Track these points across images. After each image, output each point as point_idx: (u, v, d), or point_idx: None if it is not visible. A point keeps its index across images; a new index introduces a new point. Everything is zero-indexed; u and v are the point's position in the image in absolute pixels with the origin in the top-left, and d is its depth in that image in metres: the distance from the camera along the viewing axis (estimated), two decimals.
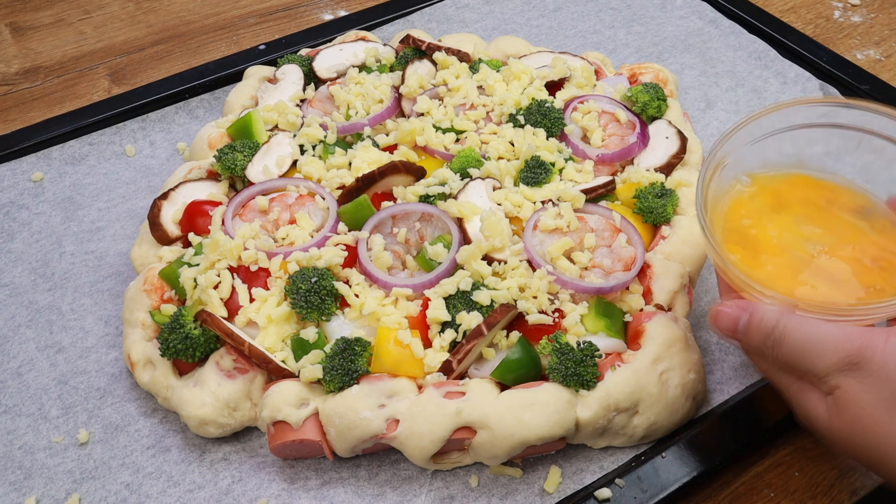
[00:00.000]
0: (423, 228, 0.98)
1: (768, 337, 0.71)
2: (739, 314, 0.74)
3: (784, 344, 0.70)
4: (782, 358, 0.71)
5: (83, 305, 1.06)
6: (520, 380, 0.85)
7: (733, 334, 0.75)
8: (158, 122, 1.31)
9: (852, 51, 1.39)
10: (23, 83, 1.44)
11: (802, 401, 0.72)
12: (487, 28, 1.47)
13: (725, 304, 0.76)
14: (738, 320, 0.74)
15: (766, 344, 0.72)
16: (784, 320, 0.71)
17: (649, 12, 1.48)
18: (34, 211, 1.19)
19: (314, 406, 0.85)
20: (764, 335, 0.72)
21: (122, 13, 1.59)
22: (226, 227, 0.98)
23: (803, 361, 0.70)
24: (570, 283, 0.90)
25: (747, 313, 0.73)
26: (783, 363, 0.72)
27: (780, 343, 0.70)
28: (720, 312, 0.76)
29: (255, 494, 0.86)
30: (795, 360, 0.70)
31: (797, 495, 0.84)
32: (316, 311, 0.89)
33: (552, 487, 0.84)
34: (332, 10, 1.57)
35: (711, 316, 0.77)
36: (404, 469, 0.87)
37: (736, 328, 0.74)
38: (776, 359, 0.72)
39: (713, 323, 0.77)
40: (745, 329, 0.73)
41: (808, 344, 0.69)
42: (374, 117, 1.12)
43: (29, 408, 0.95)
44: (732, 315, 0.75)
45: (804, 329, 0.70)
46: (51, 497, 0.87)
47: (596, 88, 1.16)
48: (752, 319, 0.73)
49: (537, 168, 1.02)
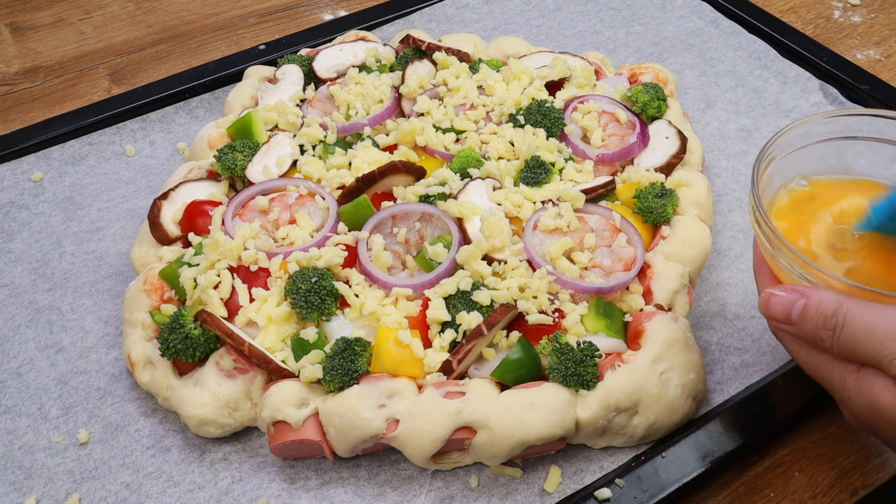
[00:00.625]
0: (423, 228, 0.98)
1: (827, 321, 0.68)
2: (795, 298, 0.70)
3: (846, 328, 0.67)
4: (843, 343, 0.67)
5: (83, 305, 1.06)
6: (520, 380, 0.85)
7: (787, 320, 0.71)
8: (158, 122, 1.31)
9: (852, 51, 1.39)
10: (23, 83, 1.44)
11: (865, 389, 0.68)
12: (487, 28, 1.47)
13: (779, 288, 0.72)
14: (793, 305, 0.70)
15: (824, 329, 0.68)
16: (846, 304, 0.67)
17: (649, 12, 1.48)
18: (34, 211, 1.19)
19: (314, 406, 0.85)
20: (823, 320, 0.68)
21: (122, 13, 1.59)
22: (226, 227, 0.98)
23: (869, 345, 0.66)
24: (570, 283, 0.90)
25: (803, 298, 0.70)
26: (843, 350, 0.68)
27: (842, 327, 0.67)
28: (772, 296, 0.72)
29: (255, 494, 0.86)
30: (858, 344, 0.67)
31: (797, 495, 0.84)
32: (316, 311, 0.89)
33: (552, 487, 0.84)
34: (332, 10, 1.57)
35: (762, 302, 0.73)
36: (404, 469, 0.87)
37: (789, 314, 0.71)
38: (835, 345, 0.68)
39: (764, 309, 0.73)
40: (801, 314, 0.70)
41: (875, 326, 0.66)
42: (374, 117, 1.12)
43: (29, 408, 0.95)
44: (787, 299, 0.71)
45: (869, 312, 0.66)
46: (51, 497, 0.87)
47: (596, 88, 1.16)
48: (810, 303, 0.69)
49: (537, 168, 1.02)
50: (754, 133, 1.23)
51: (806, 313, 0.70)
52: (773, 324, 0.74)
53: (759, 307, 0.74)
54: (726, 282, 1.03)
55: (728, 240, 1.08)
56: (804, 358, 0.74)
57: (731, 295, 1.02)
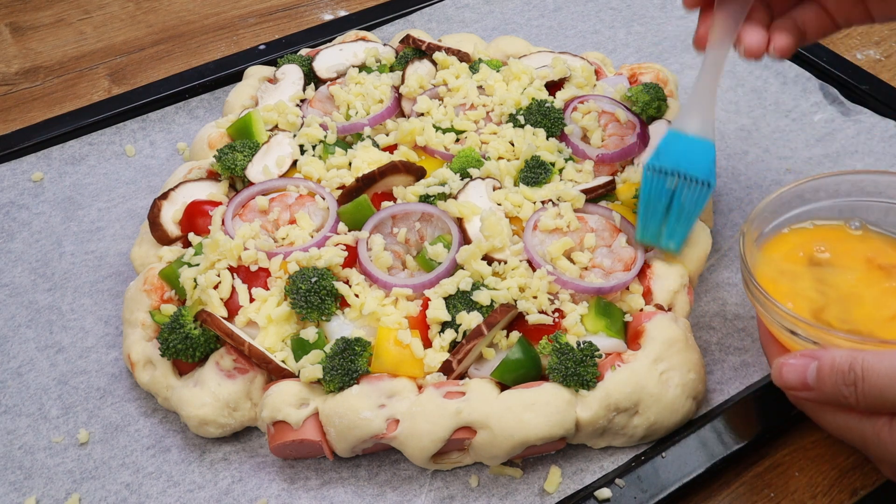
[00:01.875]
0: (423, 228, 0.98)
1: (846, 377, 0.67)
2: (807, 362, 0.70)
3: (867, 379, 0.65)
4: (868, 396, 0.66)
5: (83, 305, 1.06)
6: (520, 380, 0.85)
7: (804, 386, 0.70)
8: (158, 122, 1.31)
9: (852, 51, 1.39)
10: (23, 83, 1.44)
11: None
12: (487, 28, 1.47)
13: (789, 356, 0.72)
14: (807, 369, 0.69)
15: (844, 385, 0.67)
16: (860, 356, 0.66)
17: (649, 12, 1.48)
18: (34, 211, 1.19)
19: (314, 406, 0.85)
20: (841, 377, 0.67)
21: (122, 13, 1.59)
22: (226, 227, 0.98)
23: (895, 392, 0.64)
24: (570, 283, 0.90)
25: (815, 360, 0.69)
26: (869, 403, 0.66)
27: (862, 380, 0.66)
28: (784, 365, 0.71)
29: (255, 494, 0.86)
30: (886, 393, 0.65)
31: (797, 495, 0.84)
32: (316, 311, 0.89)
33: (552, 487, 0.84)
34: (332, 10, 1.57)
35: (775, 373, 0.73)
36: (404, 469, 0.87)
37: (805, 379, 0.70)
38: (860, 400, 0.66)
39: (778, 379, 0.72)
40: (817, 376, 0.69)
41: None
42: (374, 117, 1.12)
43: (29, 408, 0.95)
44: (799, 365, 0.70)
45: (885, 359, 0.65)
46: (51, 497, 0.87)
47: (596, 88, 1.16)
48: (823, 363, 0.68)
49: (537, 168, 1.02)
50: (754, 133, 1.23)
51: (821, 374, 0.69)
52: (792, 393, 0.72)
53: (773, 379, 0.73)
54: (726, 282, 1.03)
55: (728, 240, 1.08)
56: (831, 421, 0.72)
57: (731, 295, 1.02)
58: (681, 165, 0.88)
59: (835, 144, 1.19)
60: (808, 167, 1.16)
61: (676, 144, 0.91)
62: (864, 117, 1.21)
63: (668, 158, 0.90)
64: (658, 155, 0.91)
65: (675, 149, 0.90)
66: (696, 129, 0.90)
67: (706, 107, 0.91)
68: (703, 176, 0.88)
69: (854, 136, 1.19)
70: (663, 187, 0.90)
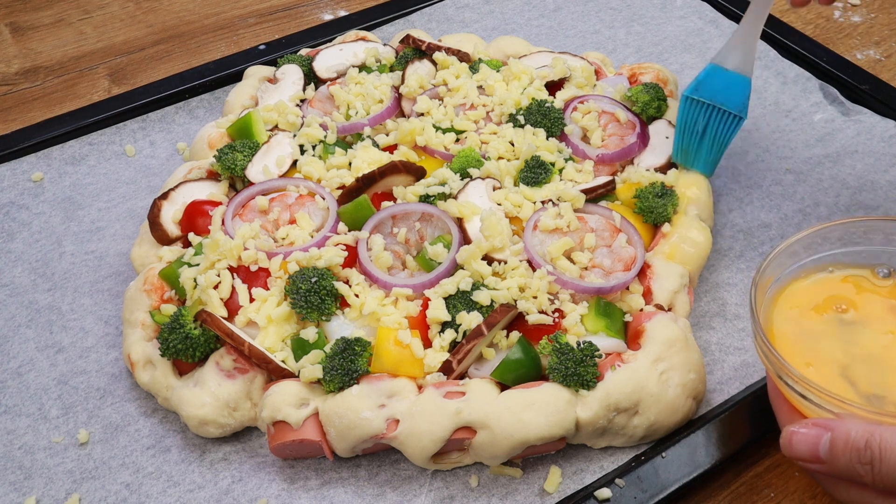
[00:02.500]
0: (423, 228, 0.98)
1: (862, 455, 0.62)
2: (820, 433, 0.65)
3: (885, 459, 0.61)
4: (885, 475, 0.61)
5: (83, 305, 1.06)
6: (520, 380, 0.85)
7: (815, 459, 0.65)
8: (158, 122, 1.31)
9: (852, 51, 1.39)
10: (23, 83, 1.44)
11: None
12: (487, 28, 1.47)
13: (800, 425, 0.67)
14: (819, 441, 0.65)
15: (860, 463, 0.62)
16: (878, 432, 0.62)
17: (649, 12, 1.48)
18: (34, 211, 1.19)
19: (314, 406, 0.85)
20: (856, 453, 0.62)
21: (122, 13, 1.59)
22: (226, 227, 0.98)
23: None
24: (570, 283, 0.90)
25: (828, 432, 0.64)
26: (887, 482, 0.62)
27: (880, 459, 0.61)
28: (795, 434, 0.67)
29: (255, 494, 0.86)
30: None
31: (797, 495, 0.84)
32: (316, 311, 0.89)
33: (552, 487, 0.84)
34: (332, 10, 1.57)
35: (785, 441, 0.68)
36: (404, 469, 0.87)
37: (817, 451, 0.65)
38: (876, 479, 0.62)
39: (787, 450, 0.68)
40: (830, 450, 0.64)
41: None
42: (374, 117, 1.12)
43: (29, 408, 0.95)
44: (810, 436, 0.65)
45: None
46: (51, 497, 0.87)
47: (596, 88, 1.16)
48: (837, 436, 0.64)
49: (537, 168, 1.02)
50: (754, 133, 1.23)
51: (835, 448, 0.64)
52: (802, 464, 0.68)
53: (782, 448, 0.69)
54: (726, 282, 1.03)
55: (728, 240, 1.08)
56: (845, 496, 0.68)
57: (731, 295, 1.02)
58: (716, 98, 0.99)
59: (835, 144, 1.19)
60: (807, 167, 1.16)
61: (715, 77, 1.00)
62: (864, 117, 1.21)
63: (706, 90, 0.99)
64: (696, 86, 1.00)
65: (714, 81, 1.00)
66: (735, 64, 0.99)
67: (748, 45, 0.98)
68: (735, 109, 0.98)
69: (854, 136, 1.19)
70: (699, 116, 1.00)
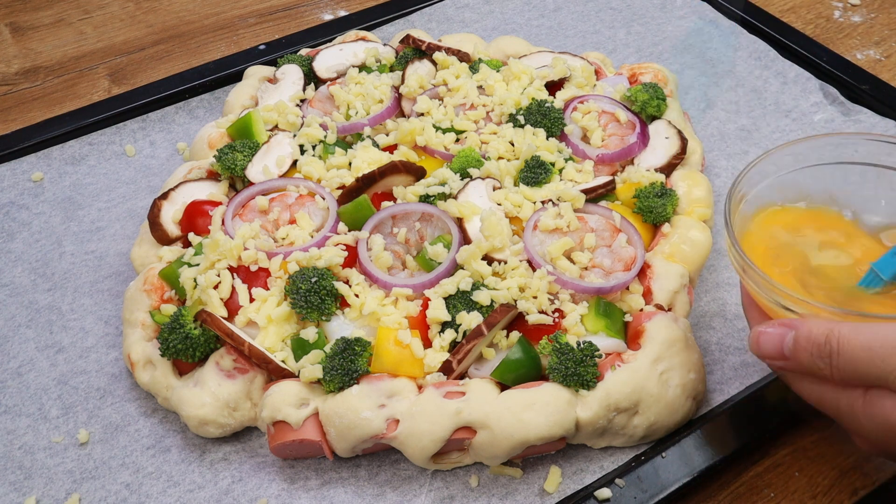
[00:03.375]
0: (423, 228, 0.98)
1: (821, 349, 0.66)
2: (784, 332, 0.69)
3: (842, 353, 0.65)
4: (843, 369, 0.65)
5: (83, 305, 1.06)
6: (520, 380, 0.85)
7: (779, 356, 0.70)
8: (158, 122, 1.31)
9: (852, 51, 1.39)
10: (23, 83, 1.44)
11: (876, 412, 0.65)
12: (487, 28, 1.47)
13: (767, 325, 0.71)
14: (783, 339, 0.69)
15: (820, 357, 0.66)
16: (836, 328, 0.65)
17: (649, 12, 1.48)
18: (34, 211, 1.19)
19: (314, 406, 0.85)
20: (816, 348, 0.66)
21: (122, 13, 1.59)
22: (226, 227, 0.98)
23: (871, 366, 0.63)
24: (570, 283, 0.90)
25: (792, 330, 0.68)
26: (843, 375, 0.66)
27: (837, 353, 0.65)
28: (762, 334, 0.71)
29: (255, 494, 0.86)
30: (860, 367, 0.64)
31: (797, 495, 0.84)
32: (316, 311, 0.89)
33: (552, 487, 0.84)
34: (332, 10, 1.57)
35: (752, 341, 0.72)
36: (404, 469, 0.87)
37: (781, 349, 0.69)
38: (834, 372, 0.66)
39: (755, 348, 0.72)
40: (793, 346, 0.68)
41: (872, 345, 0.63)
42: (374, 117, 1.12)
43: (29, 408, 0.95)
44: (776, 334, 0.70)
45: (861, 332, 0.64)
46: (51, 497, 0.87)
47: (596, 88, 1.16)
48: (800, 334, 0.68)
49: (537, 168, 1.02)
50: (754, 133, 1.23)
51: (797, 345, 0.68)
52: (769, 362, 0.72)
53: (750, 348, 0.73)
54: (726, 282, 1.03)
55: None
56: (808, 390, 0.72)
57: (731, 295, 1.02)
58: None
59: None
60: None
61: None
62: (864, 117, 1.21)
63: None
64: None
65: None
66: None
67: None
68: None
69: None
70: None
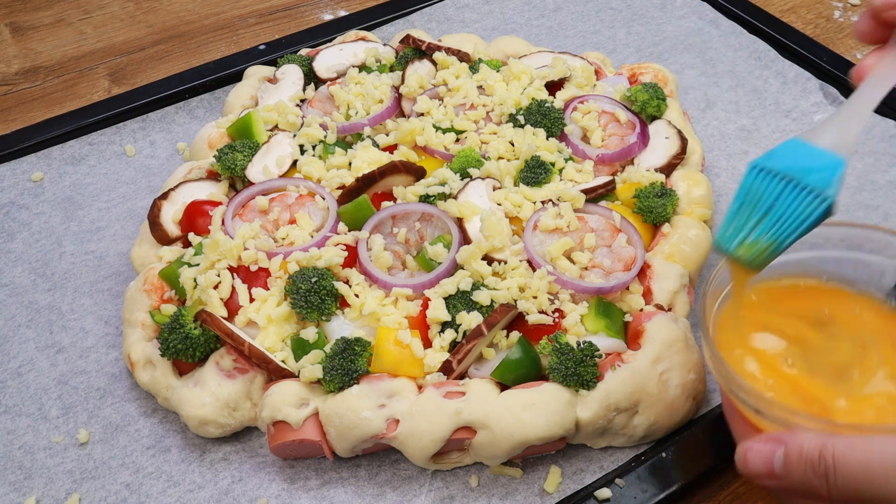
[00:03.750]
0: (423, 228, 0.98)
1: (816, 467, 0.61)
2: (773, 448, 0.64)
3: (839, 471, 0.60)
4: (842, 489, 0.60)
5: (83, 305, 1.06)
6: (520, 380, 0.85)
7: (770, 475, 0.64)
8: (158, 122, 1.31)
9: (852, 51, 1.39)
10: (23, 83, 1.44)
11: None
12: (487, 28, 1.47)
13: (753, 441, 0.66)
14: (773, 455, 0.64)
15: (815, 476, 0.61)
16: (830, 444, 0.60)
17: (649, 12, 1.48)
18: (34, 211, 1.19)
19: (314, 406, 0.85)
20: (810, 466, 0.61)
21: (122, 13, 1.59)
22: (226, 227, 0.98)
23: (871, 485, 0.59)
24: (570, 283, 0.90)
25: (781, 445, 0.63)
26: (842, 494, 0.60)
27: (834, 471, 0.60)
28: (749, 450, 0.65)
29: (255, 494, 0.86)
30: (861, 487, 0.59)
31: None
32: (316, 311, 0.89)
33: (552, 487, 0.84)
34: (332, 10, 1.57)
35: (740, 458, 0.67)
36: (404, 469, 0.87)
37: (771, 467, 0.64)
38: (832, 491, 0.61)
39: (742, 466, 0.66)
40: (784, 464, 0.63)
41: (871, 463, 0.59)
42: (374, 117, 1.12)
43: (29, 408, 0.95)
44: (764, 451, 0.64)
45: (858, 448, 0.60)
46: (51, 497, 0.87)
47: (596, 88, 1.16)
48: (790, 450, 0.62)
49: (537, 168, 1.02)
50: (754, 133, 1.23)
51: (789, 462, 0.63)
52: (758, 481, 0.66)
53: (738, 466, 0.67)
54: None
55: None
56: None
57: None
58: (795, 171, 0.71)
59: None
60: None
61: (796, 151, 0.73)
62: None
63: (782, 161, 0.73)
64: (770, 155, 0.74)
65: (794, 154, 0.73)
66: (827, 142, 0.73)
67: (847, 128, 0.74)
68: (820, 186, 0.69)
69: None
70: (766, 192, 0.72)
